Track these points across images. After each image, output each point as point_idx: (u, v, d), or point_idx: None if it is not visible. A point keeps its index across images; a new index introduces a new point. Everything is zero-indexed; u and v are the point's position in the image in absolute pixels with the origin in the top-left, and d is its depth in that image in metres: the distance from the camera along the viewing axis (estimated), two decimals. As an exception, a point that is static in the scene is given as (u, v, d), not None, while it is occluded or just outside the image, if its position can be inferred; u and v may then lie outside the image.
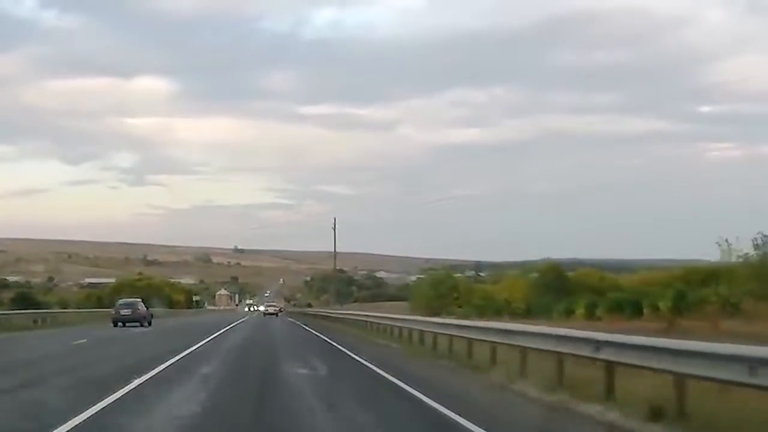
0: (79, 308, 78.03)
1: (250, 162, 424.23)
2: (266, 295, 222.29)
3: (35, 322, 49.37)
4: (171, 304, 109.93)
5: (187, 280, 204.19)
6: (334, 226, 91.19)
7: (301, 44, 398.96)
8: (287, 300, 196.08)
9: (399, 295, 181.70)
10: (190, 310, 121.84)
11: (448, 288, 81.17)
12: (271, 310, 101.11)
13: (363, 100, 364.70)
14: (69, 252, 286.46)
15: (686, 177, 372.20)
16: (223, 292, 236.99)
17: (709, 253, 66.10)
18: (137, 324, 48.34)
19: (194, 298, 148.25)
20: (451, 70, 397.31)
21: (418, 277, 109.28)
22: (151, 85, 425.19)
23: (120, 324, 48.22)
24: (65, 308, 74.77)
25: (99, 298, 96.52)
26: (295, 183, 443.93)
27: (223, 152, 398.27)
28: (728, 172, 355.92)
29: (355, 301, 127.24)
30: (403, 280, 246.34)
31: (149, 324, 49.97)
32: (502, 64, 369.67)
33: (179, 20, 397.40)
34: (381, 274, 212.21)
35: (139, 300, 56.01)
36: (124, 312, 50.53)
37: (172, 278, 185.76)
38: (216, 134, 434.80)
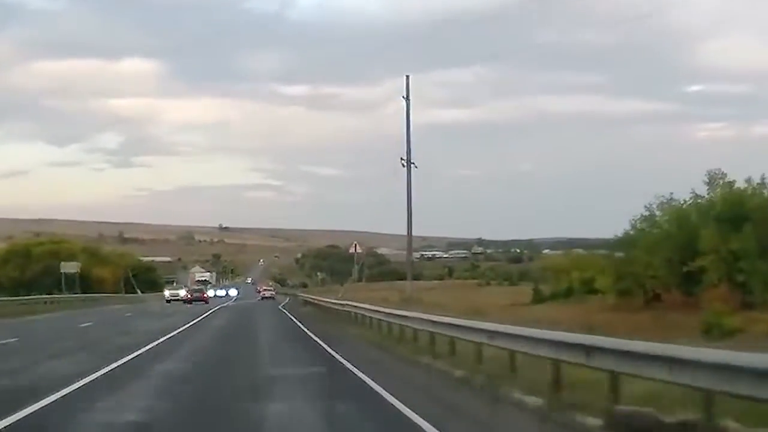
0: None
1: (236, 143, 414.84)
2: (248, 281, 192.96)
3: None
4: (91, 286, 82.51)
5: (163, 258, 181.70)
6: (408, 152, 52.03)
7: (287, 25, 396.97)
8: (279, 281, 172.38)
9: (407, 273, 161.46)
10: (126, 295, 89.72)
11: None
12: (267, 294, 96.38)
13: (348, 80, 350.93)
14: (38, 231, 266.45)
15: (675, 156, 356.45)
16: (197, 270, 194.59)
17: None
18: (202, 302, 69.75)
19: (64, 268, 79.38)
20: (436, 49, 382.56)
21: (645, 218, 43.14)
22: (137, 66, 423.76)
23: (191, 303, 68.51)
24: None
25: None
26: (280, 163, 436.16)
27: (208, 133, 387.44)
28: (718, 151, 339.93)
29: (359, 281, 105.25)
30: (405, 257, 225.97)
31: (207, 302, 71.31)
32: (487, 44, 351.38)
33: (166, 2, 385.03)
34: (383, 251, 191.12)
35: (203, 287, 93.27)
36: (196, 295, 75.87)
37: (147, 256, 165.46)
38: (202, 115, 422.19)
